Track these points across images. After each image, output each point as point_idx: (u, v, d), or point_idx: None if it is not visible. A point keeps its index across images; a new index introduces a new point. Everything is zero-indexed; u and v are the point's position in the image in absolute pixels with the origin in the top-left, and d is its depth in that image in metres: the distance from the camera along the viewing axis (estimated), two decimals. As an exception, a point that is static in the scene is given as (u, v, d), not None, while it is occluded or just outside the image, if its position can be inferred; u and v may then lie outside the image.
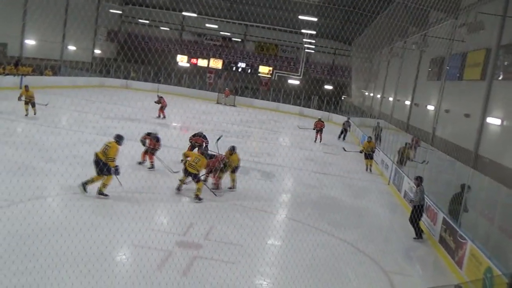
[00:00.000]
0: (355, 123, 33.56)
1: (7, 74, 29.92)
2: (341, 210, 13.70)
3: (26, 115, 20.68)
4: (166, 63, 44.60)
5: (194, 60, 47.99)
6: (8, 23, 31.17)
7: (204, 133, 16.80)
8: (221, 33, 47.56)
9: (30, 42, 34.81)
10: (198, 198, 12.21)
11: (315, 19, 31.08)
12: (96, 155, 11.51)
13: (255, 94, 44.06)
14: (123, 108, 28.44)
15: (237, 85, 43.87)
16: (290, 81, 46.42)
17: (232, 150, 13.92)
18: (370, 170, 20.51)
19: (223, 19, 42.01)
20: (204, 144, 15.93)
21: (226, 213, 11.43)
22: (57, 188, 11.54)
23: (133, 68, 43.82)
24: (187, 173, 12.37)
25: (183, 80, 44.40)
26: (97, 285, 7.16)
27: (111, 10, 43.83)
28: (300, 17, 30.92)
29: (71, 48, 39.60)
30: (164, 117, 27.35)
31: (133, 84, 42.54)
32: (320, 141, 26.64)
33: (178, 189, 12.68)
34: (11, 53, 33.10)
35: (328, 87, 45.91)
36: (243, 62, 48.21)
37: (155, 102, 27.68)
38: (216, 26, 45.65)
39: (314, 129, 26.89)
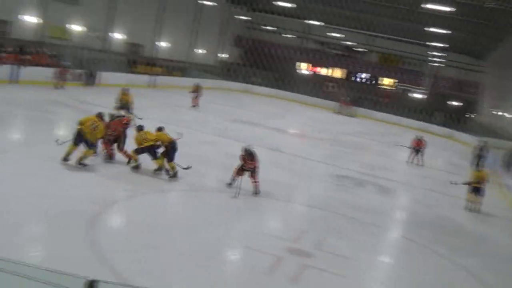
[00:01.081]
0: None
1: (143, 74, 32.00)
2: (459, 234, 12.86)
3: None
4: (287, 69, 45.06)
5: (314, 68, 48.10)
6: (145, 26, 33.43)
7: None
8: (344, 42, 47.11)
9: (163, 44, 36.94)
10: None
11: (446, 31, 29.62)
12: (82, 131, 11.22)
13: (375, 105, 42.94)
14: (243, 112, 29.18)
15: (357, 96, 43.10)
16: (413, 95, 44.81)
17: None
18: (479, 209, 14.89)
19: (347, 29, 41.57)
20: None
21: (339, 224, 11.27)
22: (177, 184, 12.06)
23: (255, 73, 44.79)
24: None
25: (303, 87, 44.59)
26: (209, 281, 7.37)
27: (239, 17, 45.23)
28: (430, 29, 29.62)
29: (199, 51, 41.41)
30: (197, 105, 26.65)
31: (253, 88, 43.48)
32: (418, 163, 21.55)
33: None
34: (146, 54, 35.40)
35: (455, 103, 43.63)
36: (365, 73, 47.37)
37: (190, 92, 26.95)
38: (339, 35, 45.34)
39: (411, 147, 21.86)
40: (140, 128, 12.39)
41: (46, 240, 7.84)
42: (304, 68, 48.18)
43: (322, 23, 40.47)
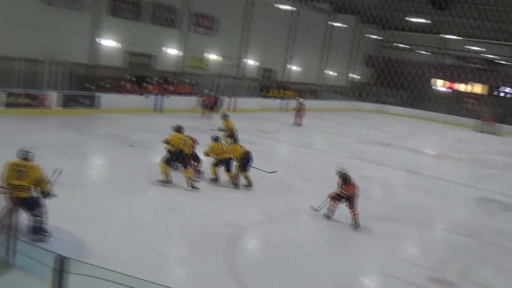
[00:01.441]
0: None
1: (275, 98, 32.74)
2: None
3: None
4: (422, 87, 43.25)
5: (452, 84, 45.61)
6: (276, 52, 34.27)
7: None
8: (485, 55, 44.15)
9: (293, 68, 37.51)
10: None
11: None
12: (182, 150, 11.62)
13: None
14: (376, 133, 28.49)
15: (500, 112, 39.94)
16: None
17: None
18: None
19: (488, 41, 38.92)
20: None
21: (485, 251, 10.40)
22: (310, 207, 12.02)
23: (388, 92, 43.63)
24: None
25: (439, 105, 42.45)
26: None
27: (370, 36, 44.56)
28: None
29: (330, 72, 41.41)
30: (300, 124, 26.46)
31: (385, 108, 42.39)
32: None
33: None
34: (278, 78, 36.18)
35: None
36: (510, 87, 43.82)
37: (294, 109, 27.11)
38: (479, 48, 42.63)
39: None
40: (216, 139, 12.82)
41: (187, 260, 8.15)
42: (440, 84, 45.90)
43: (460, 37, 38.39)
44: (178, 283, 7.06)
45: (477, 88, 44.63)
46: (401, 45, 45.82)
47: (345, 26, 39.27)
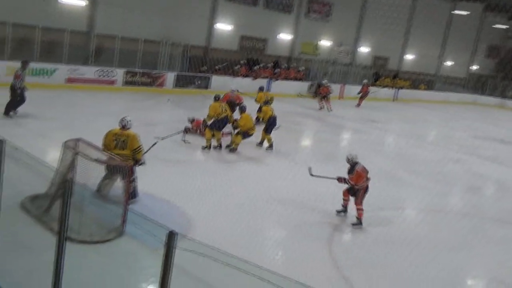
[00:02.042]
0: None
1: (385, 86, 31.86)
2: None
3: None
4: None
5: None
6: (392, 39, 33.18)
7: None
8: None
9: (409, 56, 36.22)
10: None
11: None
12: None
13: None
14: (495, 129, 26.75)
15: None
16: None
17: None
18: None
19: None
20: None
21: None
22: (417, 202, 11.65)
23: (511, 86, 40.77)
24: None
25: None
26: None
27: (495, 26, 41.69)
28: None
29: (448, 63, 39.47)
30: None
31: (509, 103, 39.53)
32: None
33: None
34: (391, 67, 35.14)
35: None
36: None
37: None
38: None
39: None
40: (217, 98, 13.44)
41: (288, 245, 8.23)
42: None
43: None
44: (279, 266, 7.18)
45: None
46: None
47: (469, 13, 37.04)
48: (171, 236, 3.64)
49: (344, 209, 9.59)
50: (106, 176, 7.97)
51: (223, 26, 23.81)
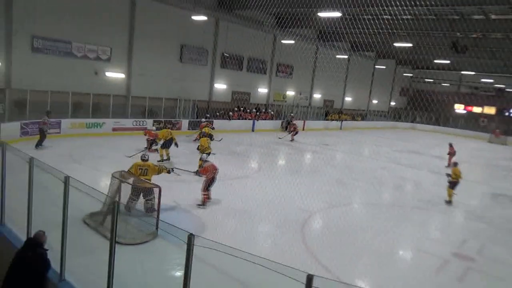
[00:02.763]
0: None
1: (333, 120, 32.12)
2: None
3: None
4: (445, 110, 40.57)
5: (469, 108, 42.17)
6: (336, 87, 33.55)
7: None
8: (496, 85, 40.46)
9: (348, 98, 36.68)
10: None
11: None
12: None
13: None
14: (409, 144, 27.05)
15: (507, 127, 36.56)
16: None
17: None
18: None
19: (498, 74, 35.67)
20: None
21: (497, 234, 9.52)
22: (359, 199, 11.69)
23: (418, 115, 41.47)
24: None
25: (459, 123, 39.56)
26: (384, 271, 6.88)
27: (404, 74, 42.60)
28: None
29: (374, 101, 40.02)
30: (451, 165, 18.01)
31: (417, 126, 40.15)
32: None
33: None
34: (336, 106, 35.53)
35: None
36: (516, 108, 39.80)
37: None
38: (491, 80, 39.22)
39: None
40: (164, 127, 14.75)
41: (273, 235, 8.15)
42: (459, 108, 42.60)
43: (474, 72, 35.61)
44: (266, 252, 7.11)
45: (488, 110, 41.06)
46: (428, 80, 43.35)
47: (385, 67, 37.86)
48: (190, 237, 3.60)
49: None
50: (131, 197, 7.74)
51: (220, 85, 23.95)
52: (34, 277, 4.56)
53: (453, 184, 11.69)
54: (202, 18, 18.58)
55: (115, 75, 18.71)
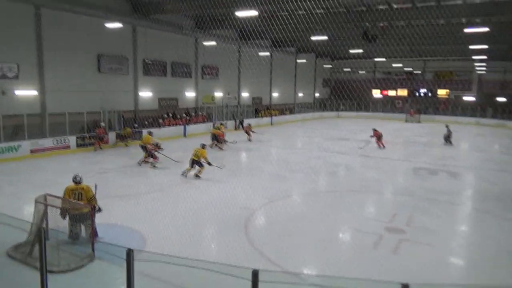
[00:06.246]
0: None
1: (263, 116, 32.67)
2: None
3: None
4: (364, 96, 43.44)
5: (385, 92, 45.55)
6: (262, 84, 34.19)
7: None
8: (405, 69, 44.14)
9: (275, 94, 37.52)
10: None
11: (485, 46, 26.75)
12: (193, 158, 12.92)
13: (436, 112, 39.79)
14: (337, 132, 28.47)
15: (420, 107, 40.24)
16: (465, 98, 40.61)
17: None
18: None
19: (406, 59, 38.95)
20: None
21: (422, 205, 10.39)
22: (298, 190, 12.01)
23: (342, 103, 43.91)
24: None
25: (378, 106, 42.63)
26: (326, 254, 7.15)
27: (324, 65, 44.71)
28: (471, 47, 27.08)
29: (300, 94, 41.43)
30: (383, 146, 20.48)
31: (342, 114, 42.49)
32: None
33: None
34: (265, 103, 36.18)
35: (501, 99, 38.61)
36: (424, 88, 43.81)
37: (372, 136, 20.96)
38: (400, 65, 42.69)
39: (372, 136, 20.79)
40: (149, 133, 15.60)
41: (218, 237, 8.08)
42: (376, 93, 45.81)
43: (385, 59, 38.54)
44: (212, 254, 7.01)
45: (402, 92, 44.71)
46: (347, 69, 45.98)
47: (307, 61, 39.41)
48: (129, 253, 3.42)
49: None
50: (71, 223, 7.06)
51: (145, 93, 23.12)
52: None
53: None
54: (117, 25, 17.77)
55: (26, 92, 17.19)
